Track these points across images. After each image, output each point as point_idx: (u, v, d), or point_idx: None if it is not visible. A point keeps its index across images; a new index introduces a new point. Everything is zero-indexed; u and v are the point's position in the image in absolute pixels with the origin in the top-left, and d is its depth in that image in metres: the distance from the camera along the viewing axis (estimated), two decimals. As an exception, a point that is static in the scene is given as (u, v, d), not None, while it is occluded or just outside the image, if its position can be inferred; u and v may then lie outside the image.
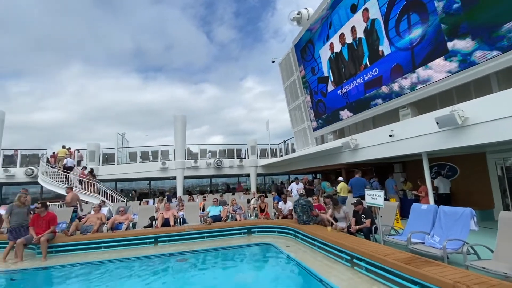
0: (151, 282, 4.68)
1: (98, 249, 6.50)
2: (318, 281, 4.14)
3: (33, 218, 6.19)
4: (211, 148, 17.80)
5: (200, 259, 5.93)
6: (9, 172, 14.19)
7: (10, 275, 5.10)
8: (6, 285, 4.82)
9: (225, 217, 8.22)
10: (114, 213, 8.61)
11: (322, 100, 11.68)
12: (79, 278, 5.02)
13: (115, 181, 16.77)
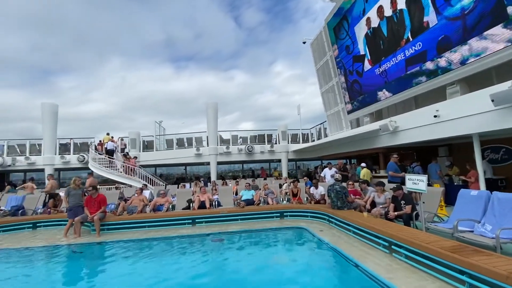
0: (191, 258, 5.01)
1: (142, 228, 7.08)
2: (353, 265, 4.06)
3: (87, 199, 6.91)
4: (242, 134, 18.04)
5: (235, 239, 6.16)
6: (65, 159, 15.89)
7: (72, 248, 5.82)
8: (69, 256, 5.52)
9: (258, 201, 8.37)
10: (155, 196, 9.24)
11: (357, 81, 11.03)
12: (128, 253, 5.55)
13: (154, 166, 17.91)
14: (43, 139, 15.99)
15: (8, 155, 15.95)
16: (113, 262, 5.09)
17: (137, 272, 4.44)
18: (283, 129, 17.36)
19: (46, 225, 7.69)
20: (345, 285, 3.82)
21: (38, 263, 5.28)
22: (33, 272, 4.79)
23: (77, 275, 4.69)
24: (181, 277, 4.11)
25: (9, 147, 16.30)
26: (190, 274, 4.23)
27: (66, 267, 5.12)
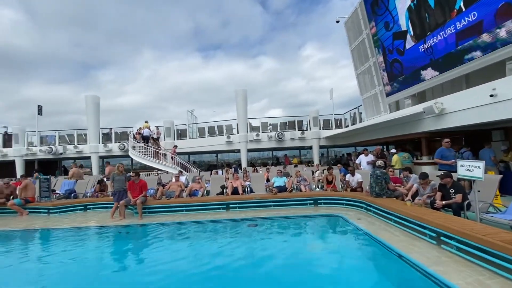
0: (226, 242, 5.14)
1: (180, 211, 7.41)
2: (397, 256, 3.84)
3: (129, 184, 7.37)
4: (272, 121, 17.84)
5: (269, 225, 6.18)
6: (107, 147, 17.12)
7: (118, 229, 6.29)
8: (115, 236, 5.98)
9: (290, 188, 8.29)
10: (191, 182, 9.59)
11: (398, 60, 10.18)
12: (167, 235, 5.86)
13: (188, 154, 18.57)
14: (88, 129, 17.33)
15: (59, 144, 17.60)
16: (155, 243, 5.41)
17: (177, 253, 4.67)
18: (315, 115, 16.84)
19: (95, 207, 8.40)
20: (388, 275, 3.63)
21: (91, 241, 5.79)
22: (87, 248, 5.30)
23: (124, 254, 5.07)
24: (218, 259, 4.23)
25: (60, 137, 17.96)
26: (227, 256, 4.34)
27: (114, 246, 5.57)
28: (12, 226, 6.73)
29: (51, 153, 17.01)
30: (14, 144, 17.26)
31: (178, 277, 3.64)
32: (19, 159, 17.08)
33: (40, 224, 6.83)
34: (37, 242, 5.94)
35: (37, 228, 6.55)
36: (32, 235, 6.24)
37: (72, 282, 3.73)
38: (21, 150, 17.15)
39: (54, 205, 8.01)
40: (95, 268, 4.31)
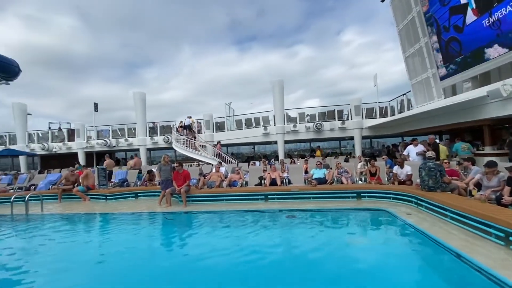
0: (264, 232, 5.16)
1: (220, 201, 7.66)
2: (455, 255, 3.46)
3: (174, 174, 7.81)
4: (310, 111, 17.32)
5: (308, 217, 6.05)
6: (153, 140, 18.38)
7: (165, 215, 6.74)
8: (163, 221, 6.42)
9: (331, 180, 8.00)
10: (230, 173, 9.83)
11: (456, 38, 9.02)
12: (209, 222, 6.11)
13: (226, 146, 19.05)
14: (136, 124, 18.75)
15: (113, 138, 19.38)
16: (198, 230, 5.68)
17: (218, 240, 4.82)
18: (357, 103, 15.90)
19: (145, 195, 9.10)
20: (445, 277, 3.29)
21: (142, 225, 6.31)
22: (139, 231, 5.82)
23: (170, 237, 5.43)
24: (257, 248, 4.26)
25: (113, 131, 19.76)
26: (265, 246, 4.35)
27: (162, 230, 6.00)
28: (77, 210, 7.64)
29: (106, 145, 18.86)
30: (76, 138, 19.48)
31: (218, 262, 3.76)
32: (81, 151, 19.26)
33: (99, 209, 7.64)
34: (97, 225, 6.65)
35: (97, 212, 7.34)
36: (93, 218, 7.02)
37: (126, 260, 4.13)
38: (82, 143, 19.31)
39: (110, 192, 8.87)
40: (145, 249, 4.71)
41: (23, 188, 10.59)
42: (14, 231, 6.08)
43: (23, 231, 6.02)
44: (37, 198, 8.09)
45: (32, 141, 20.21)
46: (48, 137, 20.30)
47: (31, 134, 20.41)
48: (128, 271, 3.71)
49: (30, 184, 10.92)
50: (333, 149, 22.20)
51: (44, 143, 19.76)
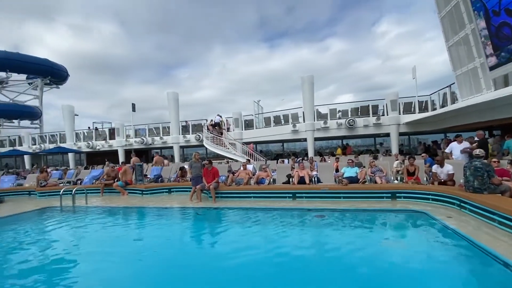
0: (292, 230, 5.10)
1: (248, 198, 7.73)
2: (503, 264, 3.10)
3: (204, 171, 8.05)
4: (342, 107, 16.67)
5: (338, 217, 5.85)
6: (186, 138, 19.13)
7: (196, 210, 6.98)
8: (194, 216, 6.66)
9: (363, 179, 7.64)
10: (258, 170, 9.86)
11: (507, 23, 8.02)
12: (237, 219, 6.22)
13: (255, 143, 19.13)
14: (170, 123, 19.65)
15: (149, 136, 20.53)
16: (227, 226, 5.79)
17: (246, 237, 4.87)
18: (393, 98, 14.93)
19: (177, 190, 9.50)
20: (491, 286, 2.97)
21: (175, 218, 6.63)
22: (172, 224, 6.16)
23: (200, 231, 5.65)
24: (285, 247, 4.22)
25: (149, 130, 20.93)
26: (293, 245, 4.31)
27: (192, 225, 6.25)
28: (116, 203, 8.24)
29: (143, 143, 20.05)
30: (117, 136, 20.98)
31: (245, 259, 3.78)
32: (121, 149, 20.71)
33: (136, 203, 8.15)
34: (134, 217, 7.10)
35: (134, 206, 7.84)
36: (130, 211, 7.51)
37: (160, 250, 4.39)
38: (121, 141, 20.74)
39: (146, 188, 9.42)
40: (178, 241, 4.98)
41: (71, 182, 11.69)
42: (63, 221, 6.74)
43: (70, 221, 6.64)
44: (82, 191, 8.87)
45: (79, 140, 22.20)
46: (92, 136, 22.14)
47: (78, 133, 22.43)
48: (159, 262, 3.91)
49: (77, 179, 12.01)
50: (368, 146, 21.20)
51: (89, 141, 21.61)
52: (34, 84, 27.32)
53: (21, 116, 25.64)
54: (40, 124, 27.95)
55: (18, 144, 23.71)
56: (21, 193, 10.63)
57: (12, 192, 10.63)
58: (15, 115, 25.21)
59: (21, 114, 25.38)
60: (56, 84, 29.30)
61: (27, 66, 25.21)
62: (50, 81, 27.83)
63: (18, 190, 10.87)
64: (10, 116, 24.82)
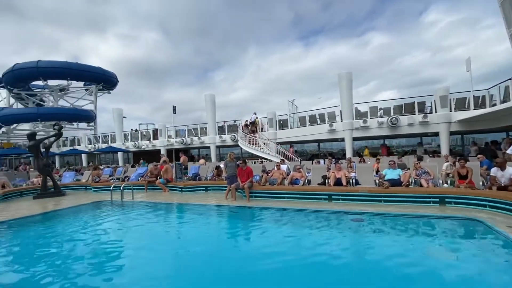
0: (328, 233, 4.93)
1: (282, 198, 7.68)
2: None
3: (239, 170, 8.20)
4: (383, 105, 15.67)
5: (378, 222, 5.51)
6: (222, 138, 19.71)
7: (230, 208, 7.15)
8: (229, 214, 6.82)
9: (407, 182, 7.09)
10: (292, 170, 9.75)
11: None
12: (271, 218, 6.23)
13: (289, 143, 18.94)
14: (207, 123, 20.41)
15: (188, 137, 21.57)
16: (261, 224, 5.85)
17: (279, 236, 4.84)
18: (443, 93, 13.57)
19: (214, 189, 9.82)
20: None
21: (211, 215, 6.87)
22: (209, 221, 6.43)
23: (235, 229, 5.78)
24: (319, 250, 4.10)
25: (188, 131, 22.00)
26: (328, 248, 4.16)
27: (227, 223, 6.43)
28: (159, 199, 8.79)
29: (182, 143, 21.14)
30: (159, 137, 22.41)
31: (278, 260, 3.76)
32: (163, 148, 22.08)
33: (176, 199, 8.61)
34: (174, 212, 7.52)
35: (174, 202, 8.30)
36: (171, 207, 7.96)
37: (198, 244, 4.62)
38: (163, 141, 22.12)
39: (185, 185, 9.90)
40: (212, 237, 5.15)
41: (119, 179, 12.79)
42: (112, 214, 7.42)
43: (118, 215, 7.28)
44: (129, 188, 9.64)
45: (126, 140, 24.20)
46: (138, 136, 23.96)
47: (126, 134, 24.47)
48: (194, 257, 4.08)
49: (125, 176, 13.11)
50: (413, 147, 19.66)
51: (135, 141, 23.43)
52: (90, 90, 30.50)
53: (79, 119, 28.81)
54: (95, 126, 31.10)
55: (76, 144, 26.70)
56: (79, 187, 11.95)
57: (72, 186, 12.00)
58: (74, 118, 28.40)
59: (80, 117, 28.51)
60: (108, 89, 32.36)
61: (84, 74, 28.25)
62: (102, 87, 30.86)
63: (77, 184, 12.23)
64: (70, 119, 28.02)
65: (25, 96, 29.09)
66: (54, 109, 27.58)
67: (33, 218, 6.85)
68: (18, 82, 26.82)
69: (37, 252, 4.54)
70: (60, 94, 29.91)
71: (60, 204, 8.47)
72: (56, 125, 11.40)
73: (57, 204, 8.49)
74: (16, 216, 6.86)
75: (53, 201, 9.10)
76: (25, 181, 12.40)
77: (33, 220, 6.71)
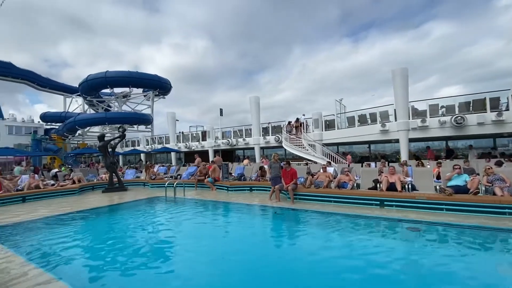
0: (378, 241, 4.60)
1: (328, 202, 7.41)
2: None
3: (283, 172, 8.17)
4: (446, 102, 13.97)
5: (437, 233, 4.95)
6: (266, 139, 19.86)
7: (274, 209, 7.16)
8: (272, 215, 6.85)
9: (475, 189, 6.21)
10: (339, 173, 9.33)
11: None
12: (316, 222, 6.06)
13: (336, 145, 18.20)
14: (252, 125, 20.80)
15: (233, 138, 22.26)
16: (305, 228, 5.71)
17: (325, 241, 4.67)
18: (523, 87, 11.58)
19: (258, 189, 9.96)
20: None
21: (255, 215, 6.98)
22: (253, 220, 6.58)
23: (278, 230, 5.77)
24: (369, 257, 3.84)
25: (234, 132, 22.71)
26: (380, 258, 3.85)
27: (271, 223, 6.44)
28: (207, 197, 9.27)
29: (228, 144, 21.91)
30: (208, 138, 23.60)
31: (323, 264, 3.63)
32: (211, 149, 23.19)
33: (222, 198, 8.96)
34: (221, 210, 7.83)
35: (221, 200, 8.65)
36: (218, 204, 8.32)
37: (242, 242, 4.80)
38: (211, 142, 23.22)
39: (231, 185, 10.24)
40: (257, 235, 5.27)
41: (172, 177, 13.81)
42: (166, 209, 8.07)
43: (172, 210, 7.90)
44: (181, 185, 10.36)
45: (179, 141, 26.05)
46: (189, 138, 25.59)
47: (178, 136, 26.35)
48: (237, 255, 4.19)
49: (177, 174, 14.11)
50: (484, 149, 17.19)
51: (186, 142, 25.07)
52: (148, 96, 33.76)
53: (139, 122, 32.06)
54: (152, 129, 34.24)
55: (136, 144, 29.71)
56: (139, 183, 13.26)
57: (133, 182, 13.39)
58: (135, 122, 31.73)
59: (139, 121, 31.73)
60: (163, 95, 35.43)
61: (143, 81, 31.45)
62: (158, 93, 33.94)
63: (136, 181, 13.60)
64: (132, 122, 31.37)
65: (95, 102, 33.46)
66: (119, 114, 31.15)
67: (102, 209, 7.85)
68: (91, 91, 30.99)
69: (105, 236, 5.31)
70: (123, 100, 33.67)
71: (123, 198, 9.53)
72: (120, 127, 12.87)
73: (121, 198, 9.56)
74: (89, 207, 7.94)
75: (117, 195, 10.27)
76: (96, 177, 14.23)
77: (103, 211, 7.69)
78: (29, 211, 7.53)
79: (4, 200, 8.68)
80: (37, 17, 76.16)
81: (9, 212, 7.40)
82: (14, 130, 33.41)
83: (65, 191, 10.48)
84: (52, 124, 37.58)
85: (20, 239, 5.09)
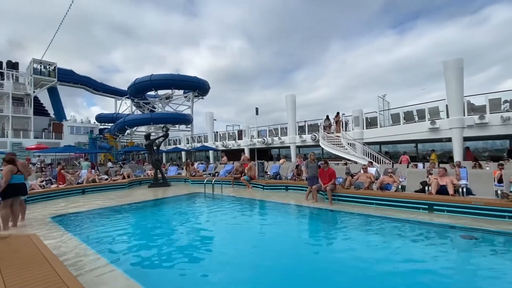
0: (427, 249, 4.22)
1: (369, 204, 7.02)
2: None
3: (320, 171, 7.96)
4: (510, 96, 12.29)
5: (496, 243, 4.40)
6: (302, 138, 19.51)
7: (311, 210, 7.02)
8: (309, 216, 6.73)
9: (549, 195, 5.37)
10: (382, 174, 8.79)
11: None
12: (357, 225, 5.78)
13: (379, 143, 17.15)
14: (288, 123, 20.60)
15: (269, 137, 22.30)
16: (345, 230, 5.48)
17: (366, 245, 4.43)
18: None
19: (294, 188, 9.84)
20: None
21: (291, 214, 6.93)
22: (288, 220, 6.53)
23: (315, 231, 5.64)
24: (416, 266, 3.55)
25: (269, 131, 22.74)
26: (427, 266, 3.54)
27: (307, 224, 6.34)
28: (243, 194, 9.44)
29: (264, 143, 22.01)
30: (243, 137, 24.00)
31: (366, 271, 3.45)
32: (246, 148, 23.54)
33: (258, 196, 9.06)
34: (256, 208, 7.91)
35: (257, 198, 8.74)
36: (254, 202, 8.43)
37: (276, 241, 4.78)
38: (247, 141, 23.56)
39: (266, 183, 10.29)
40: (292, 235, 5.25)
41: (211, 174, 14.34)
42: (205, 205, 8.43)
43: (211, 205, 8.23)
44: (219, 182, 10.70)
45: (216, 140, 26.93)
46: (226, 137, 26.31)
47: (216, 134, 27.26)
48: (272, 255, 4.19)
49: (215, 172, 14.60)
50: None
51: (223, 141, 25.81)
52: (188, 97, 35.56)
53: (180, 122, 34.01)
54: (191, 128, 36.00)
55: (178, 143, 31.46)
56: (180, 180, 14.03)
57: (175, 178, 14.21)
58: (177, 122, 33.75)
59: (181, 120, 33.68)
60: (202, 95, 37.04)
61: (184, 83, 33.28)
62: (197, 94, 35.59)
63: (178, 177, 14.40)
64: (174, 122, 33.42)
65: (142, 104, 36.20)
66: (163, 114, 33.35)
67: (148, 203, 8.48)
68: (138, 93, 33.63)
69: (151, 227, 5.77)
70: (166, 101, 35.91)
71: (166, 193, 10.18)
72: (164, 127, 13.75)
73: (164, 193, 10.22)
74: (136, 201, 8.63)
75: (161, 190, 11.00)
76: (142, 173, 15.40)
77: (148, 205, 8.31)
78: (87, 202, 8.47)
79: (68, 192, 9.87)
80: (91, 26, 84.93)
81: (74, 202, 8.41)
82: (74, 130, 37.67)
83: (117, 185, 11.54)
84: (105, 124, 41.66)
85: (82, 226, 5.76)
